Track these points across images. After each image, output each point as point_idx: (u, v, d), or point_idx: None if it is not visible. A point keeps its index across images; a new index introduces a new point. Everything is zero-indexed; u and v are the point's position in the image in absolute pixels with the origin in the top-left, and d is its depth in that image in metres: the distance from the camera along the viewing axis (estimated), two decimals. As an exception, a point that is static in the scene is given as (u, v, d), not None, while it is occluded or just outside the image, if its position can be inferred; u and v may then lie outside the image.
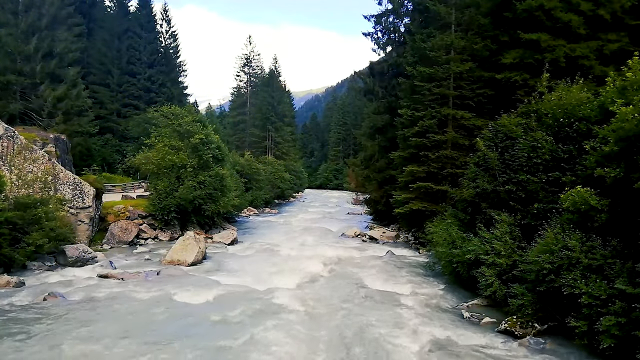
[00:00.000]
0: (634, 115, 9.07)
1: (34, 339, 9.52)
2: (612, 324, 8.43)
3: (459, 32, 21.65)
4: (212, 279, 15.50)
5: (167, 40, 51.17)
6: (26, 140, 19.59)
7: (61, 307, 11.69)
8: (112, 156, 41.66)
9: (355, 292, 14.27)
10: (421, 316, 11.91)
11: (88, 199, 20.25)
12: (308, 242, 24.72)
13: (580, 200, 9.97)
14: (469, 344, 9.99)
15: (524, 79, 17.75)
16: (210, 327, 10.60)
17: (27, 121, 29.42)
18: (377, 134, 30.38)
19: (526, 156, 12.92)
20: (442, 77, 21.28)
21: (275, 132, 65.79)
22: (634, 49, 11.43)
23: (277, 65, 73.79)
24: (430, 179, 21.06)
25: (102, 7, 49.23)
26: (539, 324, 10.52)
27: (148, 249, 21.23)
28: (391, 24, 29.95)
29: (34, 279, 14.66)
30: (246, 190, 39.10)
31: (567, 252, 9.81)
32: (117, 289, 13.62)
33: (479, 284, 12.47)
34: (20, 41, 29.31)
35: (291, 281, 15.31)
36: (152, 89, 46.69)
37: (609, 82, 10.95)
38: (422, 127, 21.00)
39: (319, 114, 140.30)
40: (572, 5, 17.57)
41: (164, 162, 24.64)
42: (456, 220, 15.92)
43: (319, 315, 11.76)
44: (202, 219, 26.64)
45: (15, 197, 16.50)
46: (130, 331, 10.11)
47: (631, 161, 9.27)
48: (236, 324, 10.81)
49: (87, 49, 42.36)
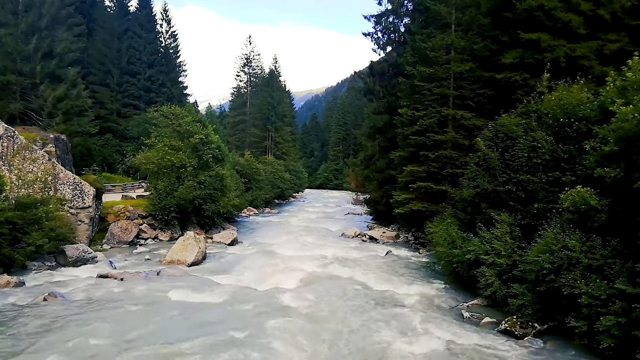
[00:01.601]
0: (634, 115, 9.07)
1: (33, 339, 9.52)
2: (612, 324, 8.43)
3: (459, 32, 21.64)
4: (212, 279, 15.48)
5: (167, 40, 51.20)
6: (26, 140, 19.60)
7: (61, 307, 11.68)
8: (112, 156, 41.64)
9: (355, 292, 14.26)
10: (421, 316, 11.90)
11: (88, 199, 20.26)
12: (308, 242, 24.70)
13: (580, 200, 9.97)
14: (469, 344, 9.99)
15: (524, 79, 17.76)
16: (210, 327, 10.59)
17: (27, 121, 29.40)
18: (377, 134, 30.37)
19: (526, 156, 12.91)
20: (442, 77, 21.28)
21: (275, 132, 65.76)
22: (634, 49, 11.45)
23: (277, 65, 73.83)
24: (430, 179, 21.06)
25: (102, 7, 49.18)
26: (539, 324, 10.52)
27: (148, 249, 21.23)
28: (391, 24, 29.96)
29: (34, 279, 14.66)
30: (246, 190, 39.10)
31: (567, 252, 9.81)
32: (117, 289, 13.61)
33: (479, 283, 12.47)
34: (20, 41, 29.28)
35: (291, 281, 15.30)
36: (152, 89, 46.69)
37: (609, 82, 10.94)
38: (422, 127, 21.00)
39: (319, 114, 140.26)
40: (572, 5, 17.57)
41: (164, 162, 24.64)
42: (456, 220, 15.91)
43: (319, 315, 11.75)
44: (202, 219, 26.63)
45: (15, 197, 16.50)
46: (130, 331, 10.10)
47: (631, 161, 9.27)
48: (236, 324, 10.79)
49: (87, 49, 42.33)
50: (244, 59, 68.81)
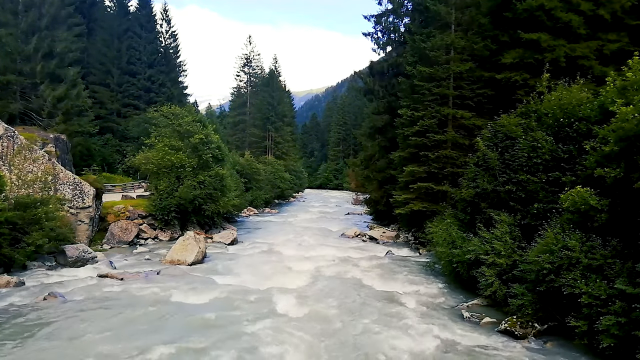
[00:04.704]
0: (634, 115, 9.07)
1: (33, 339, 9.52)
2: (612, 324, 8.43)
3: (459, 32, 21.65)
4: (212, 279, 15.49)
5: (167, 40, 51.22)
6: (26, 140, 19.59)
7: (61, 307, 11.68)
8: (112, 156, 41.66)
9: (355, 292, 14.26)
10: (421, 316, 11.90)
11: (88, 199, 20.25)
12: (308, 242, 24.70)
13: (580, 200, 9.96)
14: (469, 344, 9.99)
15: (524, 79, 17.76)
16: (210, 327, 10.58)
17: (27, 121, 29.42)
18: (377, 134, 30.37)
19: (526, 156, 12.91)
20: (442, 77, 21.28)
21: (275, 132, 65.76)
22: (634, 49, 11.43)
23: (277, 65, 73.94)
24: (430, 179, 21.06)
25: (102, 7, 49.23)
26: (539, 324, 10.52)
27: (148, 249, 21.22)
28: (391, 24, 29.98)
29: (34, 279, 14.64)
30: (246, 190, 39.11)
31: (567, 252, 9.80)
32: (117, 289, 13.61)
33: (479, 284, 12.47)
34: (20, 41, 29.30)
35: (291, 281, 15.29)
36: (152, 89, 46.70)
37: (609, 82, 10.94)
38: (422, 127, 21.00)
39: (319, 114, 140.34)
40: (572, 5, 17.58)
41: (164, 162, 24.65)
42: (456, 220, 15.91)
43: (319, 315, 11.75)
44: (202, 219, 26.64)
45: (15, 197, 16.49)
46: (130, 331, 10.10)
47: (631, 161, 9.27)
48: (236, 324, 10.80)
49: (87, 49, 42.37)
50: (244, 59, 68.85)
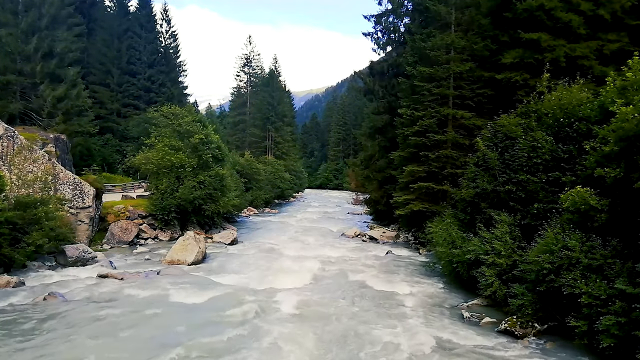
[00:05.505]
0: (634, 115, 9.07)
1: (33, 339, 9.51)
2: (612, 324, 8.43)
3: (459, 32, 21.64)
4: (212, 279, 15.49)
5: (167, 40, 51.21)
6: (26, 140, 19.59)
7: (61, 307, 11.68)
8: (112, 156, 41.64)
9: (355, 292, 14.27)
10: (421, 316, 11.91)
11: (88, 199, 20.25)
12: (308, 242, 24.72)
13: (580, 200, 9.97)
14: (469, 344, 9.99)
15: (524, 79, 17.75)
16: (209, 327, 10.58)
17: (27, 121, 29.40)
18: (377, 134, 30.38)
19: (526, 156, 12.92)
20: (442, 77, 21.28)
21: (275, 132, 65.75)
22: (634, 49, 11.43)
23: (277, 65, 73.86)
24: (430, 179, 21.05)
25: (102, 7, 49.20)
26: (539, 324, 10.52)
27: (148, 249, 21.22)
28: (391, 24, 29.98)
29: (34, 279, 14.65)
30: (246, 190, 39.10)
31: (567, 252, 9.81)
32: (117, 289, 13.60)
33: (479, 284, 12.47)
34: (20, 41, 29.27)
35: (291, 281, 15.30)
36: (152, 89, 46.69)
37: (609, 82, 10.94)
38: (422, 127, 20.99)
39: (319, 114, 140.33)
40: (572, 5, 17.58)
41: (164, 162, 24.65)
42: (456, 220, 15.91)
43: (319, 315, 11.75)
44: (202, 219, 26.64)
45: (15, 197, 16.49)
46: (130, 331, 10.10)
47: (631, 161, 9.27)
48: (236, 324, 10.80)
49: (87, 49, 42.32)
50: (244, 59, 68.81)
